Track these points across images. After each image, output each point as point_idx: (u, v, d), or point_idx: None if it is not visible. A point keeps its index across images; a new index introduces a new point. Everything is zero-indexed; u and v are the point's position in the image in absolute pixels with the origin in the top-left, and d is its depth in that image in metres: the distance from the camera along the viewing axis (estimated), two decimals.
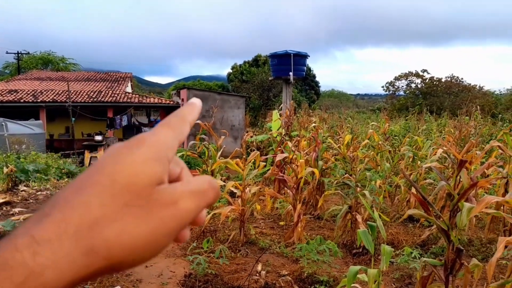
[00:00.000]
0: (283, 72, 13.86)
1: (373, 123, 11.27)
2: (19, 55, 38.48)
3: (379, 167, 7.14)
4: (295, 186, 5.57)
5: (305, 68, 14.81)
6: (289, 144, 6.59)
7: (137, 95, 23.06)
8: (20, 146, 13.10)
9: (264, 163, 5.88)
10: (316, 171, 5.71)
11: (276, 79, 15.18)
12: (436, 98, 32.61)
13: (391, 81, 36.69)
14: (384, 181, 6.46)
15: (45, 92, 21.54)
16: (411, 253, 4.28)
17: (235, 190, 5.52)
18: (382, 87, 37.41)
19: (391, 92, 36.81)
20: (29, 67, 37.42)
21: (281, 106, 12.61)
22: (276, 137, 10.55)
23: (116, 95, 21.98)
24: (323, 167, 7.04)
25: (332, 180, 6.93)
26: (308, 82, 38.60)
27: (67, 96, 18.92)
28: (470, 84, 34.01)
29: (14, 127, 15.08)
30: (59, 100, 20.02)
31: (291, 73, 13.48)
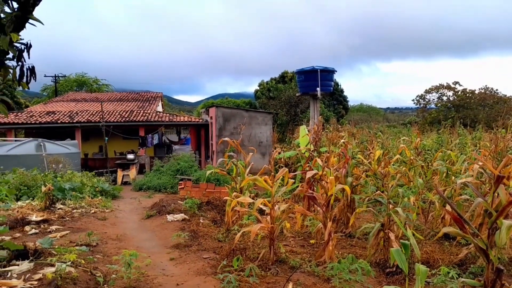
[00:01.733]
0: (310, 88, 13.90)
1: (404, 137, 11.05)
2: (56, 77, 40.59)
3: (411, 183, 6.97)
4: (325, 203, 5.53)
5: (333, 83, 14.79)
6: (318, 160, 6.57)
7: (167, 114, 23.67)
8: (57, 165, 13.70)
9: (293, 180, 5.89)
10: (347, 188, 5.65)
11: (303, 95, 15.18)
12: (470, 111, 31.58)
13: (422, 94, 35.96)
14: (417, 198, 6.30)
15: (80, 113, 22.52)
16: (448, 273, 4.13)
17: (264, 208, 5.54)
18: (413, 100, 36.73)
19: (421, 105, 36.02)
20: (65, 89, 39.37)
21: (309, 121, 12.59)
22: (304, 153, 10.52)
23: (147, 114, 22.67)
24: (354, 184, 6.96)
25: (363, 197, 6.83)
26: (336, 97, 38.36)
27: (101, 116, 19.70)
28: (505, 95, 32.78)
29: (52, 147, 15.81)
30: (93, 120, 20.87)
31: (318, 89, 13.50)
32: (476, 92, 33.57)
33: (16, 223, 6.86)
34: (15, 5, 3.77)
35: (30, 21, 3.81)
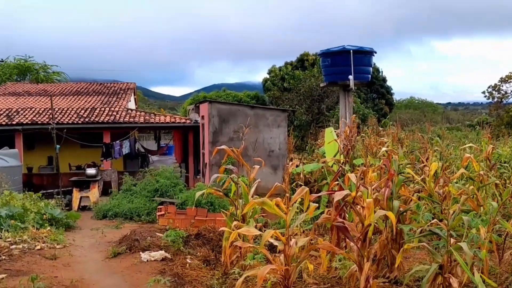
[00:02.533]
0: (339, 76, 13.91)
1: (471, 144, 11.01)
2: None
3: (481, 208, 6.94)
4: (361, 236, 5.52)
5: (371, 69, 14.79)
6: (351, 176, 6.58)
7: (142, 113, 23.91)
8: None
9: (316, 204, 5.89)
10: (391, 215, 5.64)
11: (330, 85, 15.17)
12: None
13: (496, 84, 35.72)
14: (490, 228, 6.27)
15: (22, 112, 22.79)
16: None
17: (275, 243, 5.54)
18: (483, 92, 36.45)
19: (495, 99, 35.79)
20: (1, 79, 39.49)
21: (337, 122, 12.61)
22: (332, 166, 10.52)
23: (114, 113, 22.94)
24: (401, 209, 6.94)
25: (414, 227, 6.80)
26: (375, 89, 38.44)
27: (50, 116, 19.90)
28: None
29: None
30: (40, 122, 21.13)
31: (351, 77, 13.51)
32: None
33: None
34: None
35: None
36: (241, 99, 36.42)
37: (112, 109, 23.77)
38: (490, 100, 36.49)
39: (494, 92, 35.86)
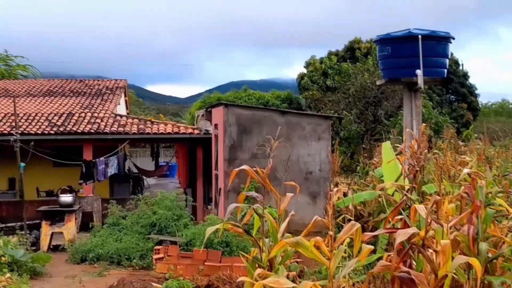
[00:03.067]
0: (403, 70, 13.84)
1: None
2: None
3: None
4: None
5: (447, 61, 14.68)
6: (420, 209, 6.49)
7: (135, 120, 24.15)
8: None
9: (371, 247, 5.83)
10: (476, 263, 5.54)
11: (390, 83, 15.09)
12: None
13: None
14: None
15: None
16: None
17: None
18: None
19: None
20: None
21: (400, 133, 12.49)
22: (392, 194, 10.37)
23: (98, 121, 23.24)
24: (489, 255, 6.82)
25: (507, 280, 6.68)
26: (454, 88, 38.12)
27: (12, 124, 20.19)
28: None
29: None
30: None
31: (419, 72, 13.42)
32: None
33: None
34: None
35: None
36: (268, 102, 36.56)
37: (96, 115, 24.07)
38: None
39: None
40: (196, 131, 22.42)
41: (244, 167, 7.39)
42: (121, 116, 24.71)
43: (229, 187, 16.40)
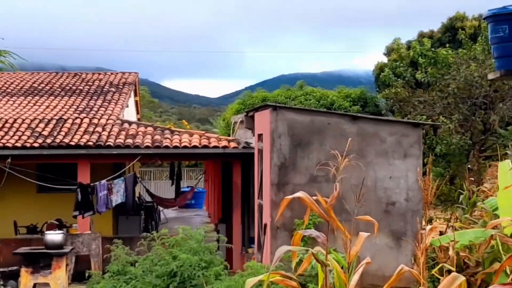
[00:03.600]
0: None
1: None
2: None
3: None
4: None
5: None
6: None
7: (150, 128, 24.27)
8: None
9: None
10: None
11: (507, 76, 14.91)
12: None
13: None
14: None
15: None
16: None
17: None
18: None
19: None
20: None
21: None
22: (511, 235, 10.19)
23: (99, 129, 23.49)
24: None
25: None
26: None
27: None
28: None
29: None
30: None
31: None
32: None
33: None
34: None
35: None
36: (334, 104, 36.59)
37: (95, 121, 24.35)
38: None
39: None
40: (232, 144, 22.43)
41: (299, 194, 7.38)
42: (130, 123, 24.92)
43: (279, 222, 16.40)
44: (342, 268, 7.13)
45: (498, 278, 8.31)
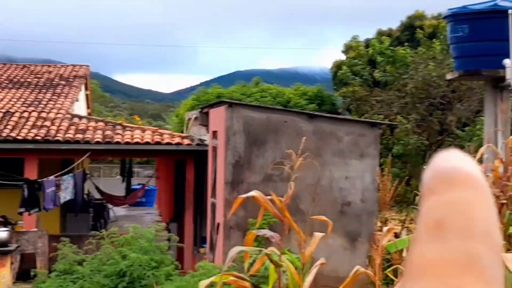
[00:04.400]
0: (485, 60, 13.81)
1: None
2: None
3: None
4: None
5: None
6: (506, 258, 6.45)
7: (100, 123, 24.09)
8: None
9: None
10: None
11: (465, 77, 15.03)
12: None
13: None
14: None
15: None
16: None
17: None
18: None
19: None
20: None
21: (479, 148, 12.43)
22: None
23: (47, 124, 23.32)
24: None
25: None
26: None
27: None
28: None
29: None
30: None
31: (508, 62, 13.39)
32: None
33: None
34: None
35: None
36: (290, 101, 36.65)
37: (44, 115, 24.13)
38: None
39: None
40: (186, 141, 22.39)
41: (253, 193, 7.36)
42: (80, 117, 24.76)
43: (232, 222, 16.39)
44: (296, 269, 7.13)
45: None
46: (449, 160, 0.70)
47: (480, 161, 12.34)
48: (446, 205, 0.65)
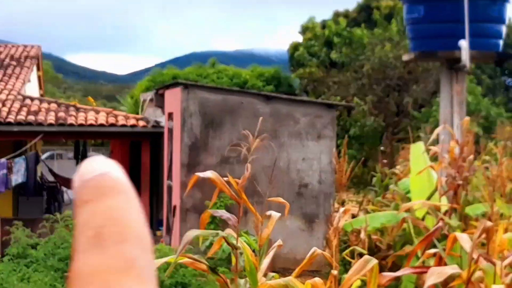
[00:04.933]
0: (441, 41, 13.92)
1: None
2: None
3: None
4: None
5: (504, 28, 14.79)
6: (463, 239, 6.54)
7: (53, 105, 23.91)
8: None
9: None
10: None
11: (422, 58, 15.12)
12: None
13: None
14: None
15: None
16: None
17: None
18: None
19: None
20: None
21: (434, 130, 12.54)
22: (423, 218, 10.37)
23: None
24: None
25: None
26: None
27: None
28: None
29: None
30: None
31: (463, 43, 13.51)
32: None
33: None
34: None
35: None
36: (247, 83, 36.61)
37: None
38: None
39: None
40: (141, 123, 22.27)
41: (209, 174, 7.37)
42: (32, 99, 24.53)
43: (188, 203, 16.39)
44: (253, 251, 7.16)
45: (410, 261, 8.47)
46: (95, 168, 0.72)
47: (436, 142, 12.46)
48: (100, 213, 0.67)
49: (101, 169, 0.71)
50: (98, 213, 0.68)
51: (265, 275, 6.97)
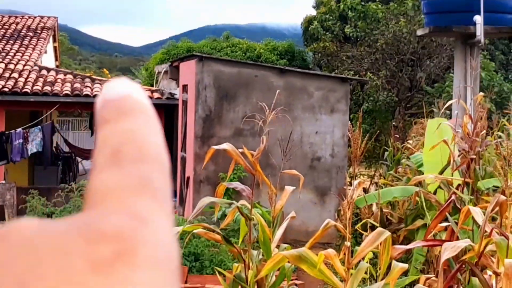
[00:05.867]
0: (455, 16, 13.84)
1: None
2: None
3: None
4: None
5: None
6: (475, 212, 6.51)
7: (69, 76, 23.90)
8: None
9: (405, 265, 5.85)
10: None
11: (436, 33, 15.05)
12: None
13: None
14: None
15: None
16: None
17: None
18: None
19: None
20: None
21: (449, 106, 12.48)
22: (435, 192, 10.34)
23: (15, 75, 23.11)
24: None
25: None
26: None
27: None
28: None
29: None
30: None
31: (478, 18, 13.43)
32: None
33: None
34: None
35: None
36: (261, 56, 36.50)
37: (11, 67, 23.91)
38: None
39: None
40: (155, 95, 22.26)
41: (225, 146, 7.37)
42: (48, 69, 24.55)
43: (202, 175, 16.41)
44: (266, 222, 7.17)
45: (428, 236, 8.45)
46: (118, 89, 0.70)
47: (449, 117, 12.43)
48: (120, 133, 0.66)
49: (124, 90, 0.69)
50: (118, 132, 0.66)
51: (278, 246, 6.99)
